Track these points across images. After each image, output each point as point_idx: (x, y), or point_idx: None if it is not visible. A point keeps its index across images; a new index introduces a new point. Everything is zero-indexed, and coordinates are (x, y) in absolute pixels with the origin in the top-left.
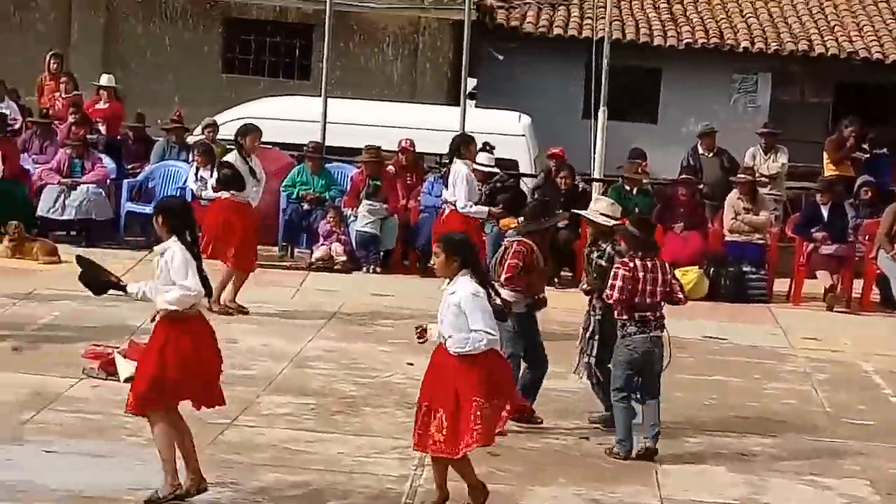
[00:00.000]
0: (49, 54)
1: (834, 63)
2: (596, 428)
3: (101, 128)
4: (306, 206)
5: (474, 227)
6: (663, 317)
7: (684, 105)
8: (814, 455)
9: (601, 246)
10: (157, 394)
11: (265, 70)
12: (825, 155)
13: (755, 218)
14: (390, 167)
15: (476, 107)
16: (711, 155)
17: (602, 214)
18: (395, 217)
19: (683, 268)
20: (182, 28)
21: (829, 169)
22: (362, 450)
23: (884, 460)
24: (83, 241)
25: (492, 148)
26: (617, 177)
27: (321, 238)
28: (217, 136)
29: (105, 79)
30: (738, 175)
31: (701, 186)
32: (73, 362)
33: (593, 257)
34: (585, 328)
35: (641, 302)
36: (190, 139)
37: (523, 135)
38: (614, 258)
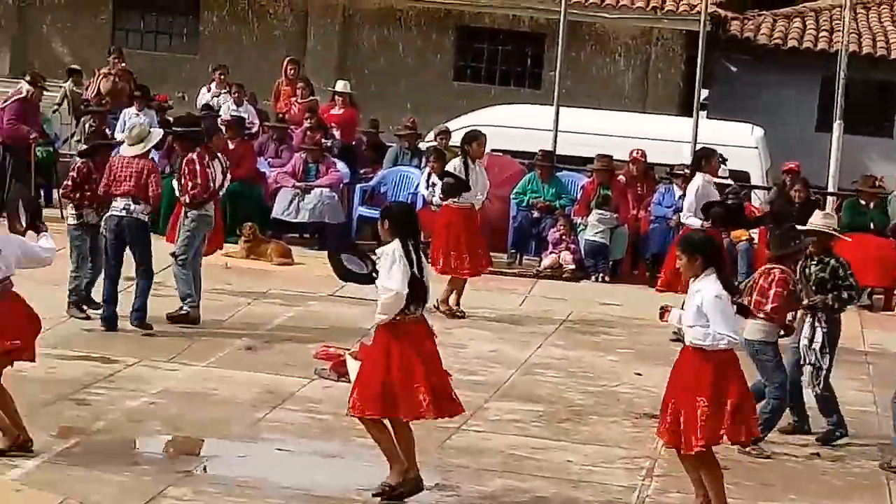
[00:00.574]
0: (286, 60)
1: None
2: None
3: (336, 133)
4: (536, 214)
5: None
6: None
7: None
8: None
9: (823, 259)
10: (374, 399)
11: (496, 78)
12: None
13: None
14: (621, 177)
15: (708, 118)
16: None
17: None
18: (625, 227)
19: None
20: (416, 35)
21: None
22: (590, 459)
23: None
24: (315, 244)
25: (724, 160)
26: (852, 191)
27: (550, 246)
28: (449, 143)
29: (341, 85)
30: None
31: None
32: (306, 363)
33: (811, 270)
34: (810, 342)
35: None
36: (422, 145)
37: (756, 147)
38: (838, 271)
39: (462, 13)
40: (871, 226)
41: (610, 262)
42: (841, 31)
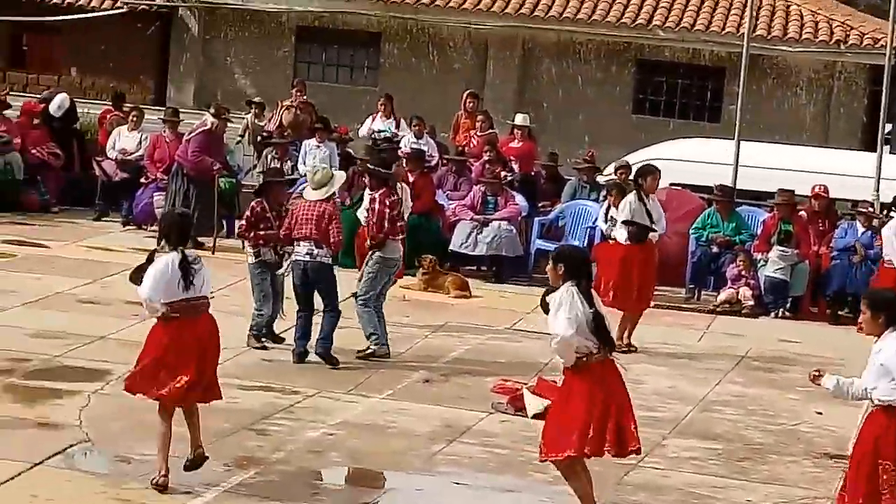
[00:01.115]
0: (466, 93)
1: None
2: None
3: (515, 166)
4: (715, 249)
5: None
6: None
7: None
8: None
9: None
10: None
11: (675, 112)
12: None
13: None
14: (802, 212)
15: (891, 152)
16: None
17: None
18: (806, 263)
19: None
20: (595, 68)
21: None
22: (770, 498)
23: None
24: (493, 277)
25: None
26: None
27: (729, 281)
28: (629, 178)
29: (520, 118)
30: None
31: None
32: (483, 396)
33: None
34: None
35: None
36: (601, 179)
37: None
38: None
39: (642, 46)
40: None
41: (790, 299)
42: None
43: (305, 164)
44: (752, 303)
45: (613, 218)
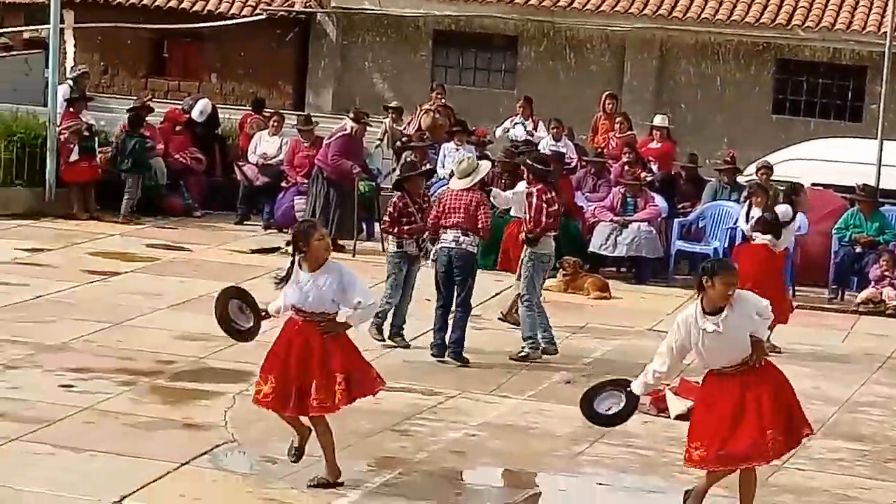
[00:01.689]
0: (605, 94)
1: None
2: None
3: (654, 167)
4: (858, 250)
5: None
6: None
7: None
8: None
9: None
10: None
11: (816, 111)
12: None
13: None
14: None
15: None
16: None
17: None
18: None
19: None
20: (734, 69)
21: None
22: None
23: None
24: (633, 278)
25: None
26: None
27: (872, 282)
28: (770, 178)
29: (659, 119)
30: None
31: None
32: None
33: None
34: None
35: None
36: (741, 180)
37: None
38: None
39: (781, 46)
40: None
41: None
42: None
43: (444, 168)
44: None
45: (754, 218)
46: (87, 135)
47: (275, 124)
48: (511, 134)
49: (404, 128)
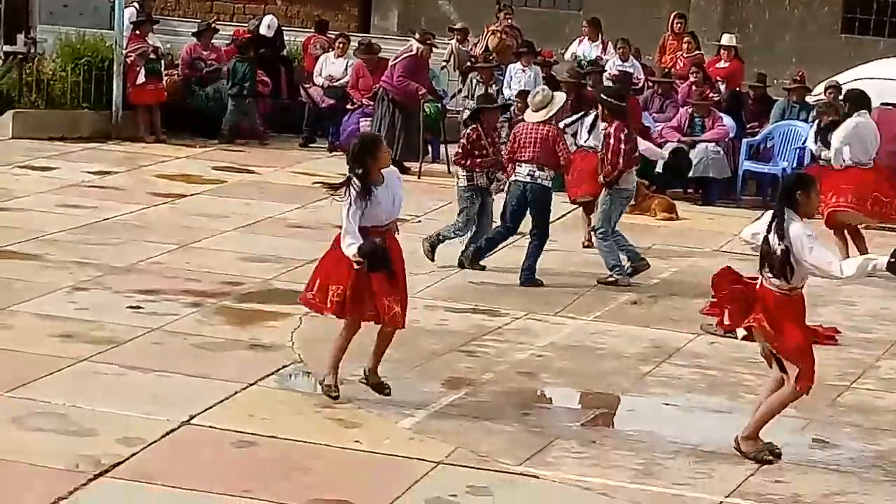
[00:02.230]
0: (672, 14)
1: None
2: None
3: (722, 87)
4: None
5: None
6: None
7: None
8: None
9: None
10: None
11: (885, 30)
12: None
13: None
14: None
15: None
16: None
17: None
18: None
19: None
20: None
21: None
22: None
23: None
24: (700, 199)
25: None
26: None
27: None
28: (839, 97)
29: (726, 38)
30: None
31: None
32: (691, 318)
33: None
34: None
35: None
36: (810, 99)
37: None
38: None
39: None
40: None
41: None
42: None
43: (511, 89)
44: None
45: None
46: (154, 57)
47: (341, 46)
48: (578, 52)
49: (470, 49)
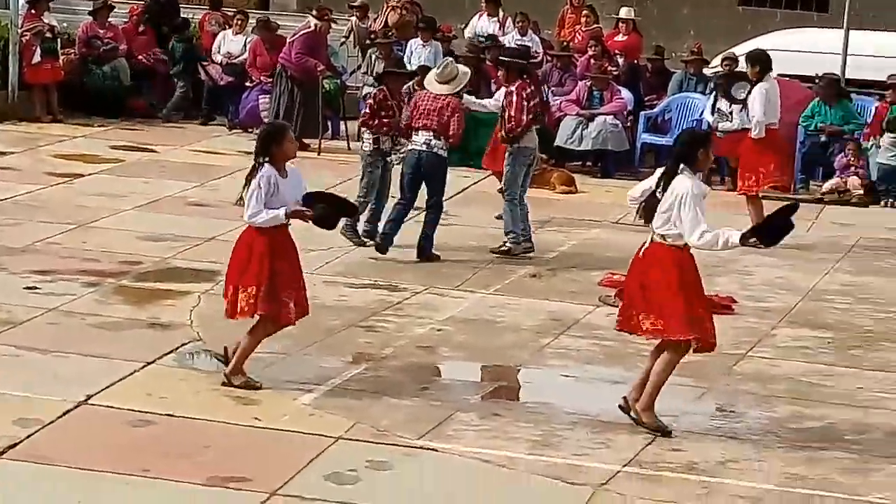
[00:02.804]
0: None
1: None
2: None
3: (620, 60)
4: (824, 139)
5: None
6: None
7: None
8: None
9: None
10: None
11: (782, 2)
12: None
13: None
14: None
15: None
16: None
17: None
18: None
19: None
20: None
21: None
22: (880, 385)
23: None
24: (599, 172)
25: None
26: None
27: (837, 171)
28: (736, 69)
29: (624, 11)
30: None
31: None
32: (589, 290)
33: None
34: None
35: None
36: (707, 71)
37: None
38: None
39: None
40: None
41: None
42: None
43: (411, 64)
44: (861, 192)
45: (720, 110)
46: (50, 36)
47: (239, 23)
48: (477, 28)
49: (370, 25)
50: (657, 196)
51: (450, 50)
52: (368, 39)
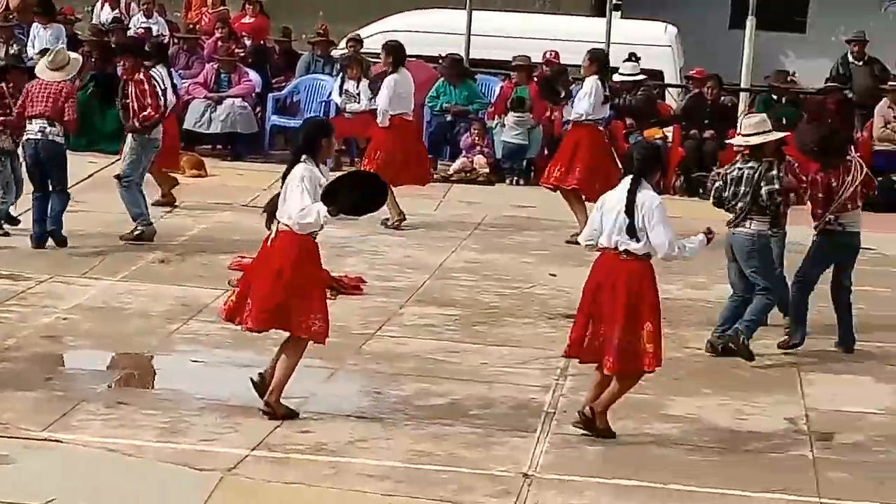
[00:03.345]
0: None
1: None
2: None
3: (247, 42)
4: (450, 119)
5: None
6: None
7: (833, 15)
8: None
9: None
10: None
11: None
12: None
13: None
14: (535, 78)
15: (622, 18)
16: (862, 63)
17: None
18: (541, 127)
19: None
20: None
21: None
22: (504, 360)
23: None
24: (228, 155)
25: (637, 59)
26: (765, 87)
27: (463, 151)
28: (361, 50)
29: None
30: (889, 84)
31: (850, 95)
32: (219, 274)
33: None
34: None
35: None
36: (334, 53)
37: (669, 45)
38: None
39: None
40: (783, 122)
41: (525, 162)
42: None
43: (34, 48)
44: (487, 170)
45: (348, 91)
46: None
47: None
48: (101, 18)
49: None
50: None
51: (74, 33)
52: None
